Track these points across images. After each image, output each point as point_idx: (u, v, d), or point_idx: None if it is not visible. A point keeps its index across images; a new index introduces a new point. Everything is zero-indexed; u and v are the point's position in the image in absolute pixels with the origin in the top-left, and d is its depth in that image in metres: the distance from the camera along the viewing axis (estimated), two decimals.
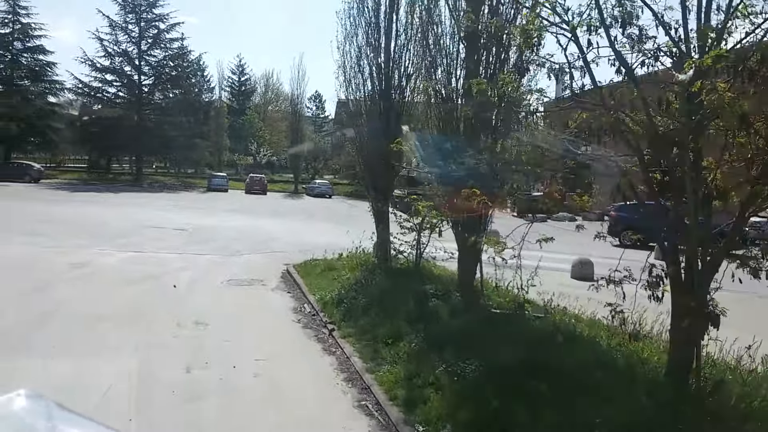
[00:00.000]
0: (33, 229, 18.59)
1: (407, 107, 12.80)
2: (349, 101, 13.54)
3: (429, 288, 9.58)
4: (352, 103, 13.56)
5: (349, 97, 13.35)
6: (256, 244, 18.72)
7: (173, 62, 57.56)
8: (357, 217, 33.80)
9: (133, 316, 8.93)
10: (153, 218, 24.55)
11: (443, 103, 9.55)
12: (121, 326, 8.20)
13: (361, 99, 13.17)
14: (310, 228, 25.27)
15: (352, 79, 13.07)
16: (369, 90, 12.90)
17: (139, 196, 39.95)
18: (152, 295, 10.68)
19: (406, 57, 12.47)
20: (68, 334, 7.82)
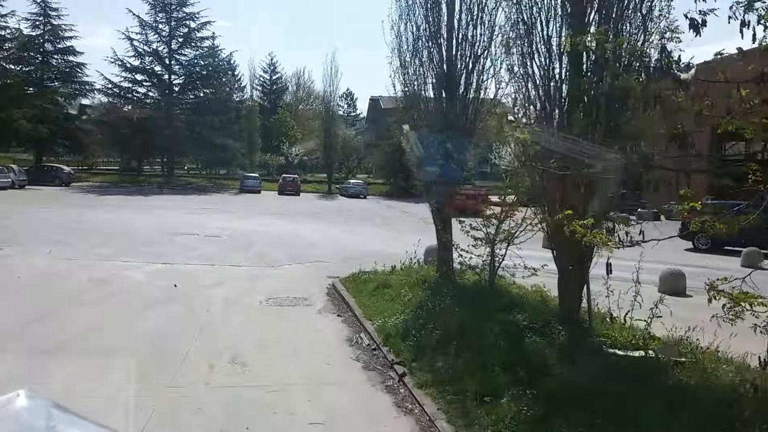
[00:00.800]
0: (57, 238, 17.25)
1: (479, 90, 10.97)
2: (406, 90, 11.70)
3: (520, 317, 7.71)
4: (407, 94, 11.74)
5: (407, 85, 11.54)
6: (296, 253, 17.06)
7: (204, 61, 56.45)
8: (397, 219, 32.23)
9: (156, 355, 7.28)
10: (184, 223, 23.14)
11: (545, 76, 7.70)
12: (140, 372, 6.51)
13: (419, 87, 11.37)
14: (350, 233, 23.56)
15: (409, 65, 11.31)
16: (430, 75, 11.10)
17: (171, 198, 38.78)
18: (180, 322, 9.02)
19: (477, 31, 10.66)
20: (72, 384, 6.18)
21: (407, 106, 12.00)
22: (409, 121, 12.12)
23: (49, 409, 1.76)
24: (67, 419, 1.75)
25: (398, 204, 43.61)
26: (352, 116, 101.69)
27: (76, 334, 8.00)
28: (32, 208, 26.72)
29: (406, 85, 11.47)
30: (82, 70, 53.31)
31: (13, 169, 39.17)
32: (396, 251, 18.36)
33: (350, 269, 13.66)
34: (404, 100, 11.94)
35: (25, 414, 1.73)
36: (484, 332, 7.24)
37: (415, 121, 11.82)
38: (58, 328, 8.25)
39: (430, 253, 15.95)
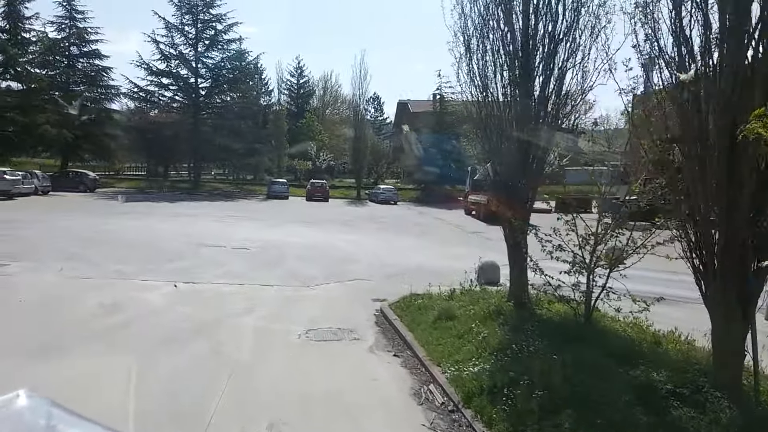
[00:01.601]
0: (74, 251, 15.78)
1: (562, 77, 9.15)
2: (473, 80, 9.89)
3: (654, 376, 5.77)
4: (475, 84, 9.91)
5: (473, 74, 9.74)
6: (332, 268, 15.33)
7: (230, 64, 55.24)
8: (434, 228, 30.40)
9: (170, 423, 5.55)
10: (210, 233, 21.59)
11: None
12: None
13: (489, 75, 9.56)
14: (388, 243, 21.76)
15: (475, 51, 9.52)
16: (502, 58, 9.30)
17: (197, 205, 37.43)
18: (203, 368, 7.30)
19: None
20: None
21: (474, 98, 10.13)
22: (476, 115, 10.29)
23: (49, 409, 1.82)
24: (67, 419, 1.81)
25: (430, 210, 41.87)
26: (379, 120, 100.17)
27: (66, 385, 6.28)
28: (53, 216, 25.45)
29: (473, 74, 9.66)
30: (108, 74, 52.51)
31: (36, 175, 38.19)
32: (442, 266, 16.58)
33: (396, 289, 11.96)
34: (471, 91, 10.07)
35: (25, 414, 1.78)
36: (606, 396, 5.38)
37: (483, 116, 10.01)
38: (45, 380, 6.45)
39: (486, 271, 14.10)
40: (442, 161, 52.14)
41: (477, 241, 23.24)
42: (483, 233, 25.93)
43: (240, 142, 52.85)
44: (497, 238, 24.68)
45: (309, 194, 49.72)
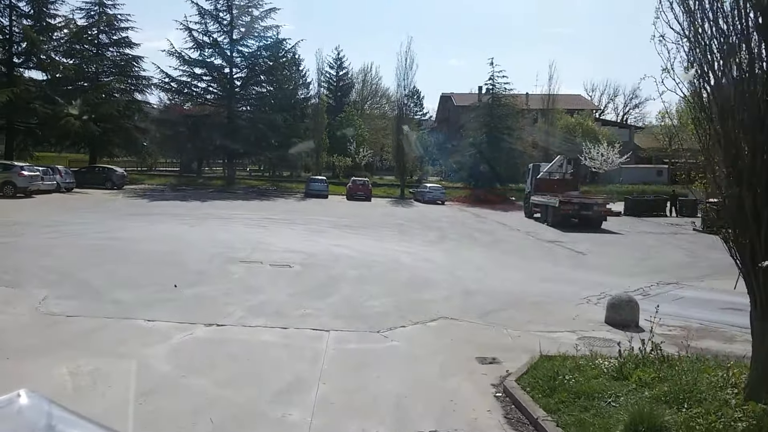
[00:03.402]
0: (69, 270, 12.36)
1: None
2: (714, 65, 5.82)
3: None
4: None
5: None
6: (402, 296, 11.56)
7: (267, 53, 51.72)
8: (503, 235, 25.28)
9: None
10: (244, 241, 18.04)
11: None
12: None
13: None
14: (458, 257, 17.86)
15: None
16: None
17: (230, 205, 34.10)
18: None
19: None
20: None
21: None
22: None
23: (49, 409, 1.80)
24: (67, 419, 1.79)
25: (484, 212, 37.82)
26: (419, 115, 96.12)
27: None
28: (69, 218, 22.28)
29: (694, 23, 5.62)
30: (138, 64, 49.42)
31: (58, 170, 35.28)
32: (540, 293, 12.71)
33: (503, 339, 8.53)
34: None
35: (25, 414, 1.75)
36: None
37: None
38: None
39: (619, 308, 10.10)
40: (494, 158, 48.00)
41: (563, 254, 19.26)
42: (563, 243, 21.92)
43: (277, 136, 49.46)
44: (584, 250, 20.69)
45: (350, 193, 46.14)
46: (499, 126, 49.10)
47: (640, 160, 68.03)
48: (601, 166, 56.38)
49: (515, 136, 50.00)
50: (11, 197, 29.38)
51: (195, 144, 49.00)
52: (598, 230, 27.35)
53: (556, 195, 29.32)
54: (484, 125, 49.64)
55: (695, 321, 10.58)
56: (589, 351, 7.67)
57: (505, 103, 50.34)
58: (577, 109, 70.48)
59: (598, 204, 27.95)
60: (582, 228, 27.45)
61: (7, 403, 1.76)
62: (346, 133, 61.57)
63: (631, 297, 10.40)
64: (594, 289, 13.10)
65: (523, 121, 55.43)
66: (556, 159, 34.70)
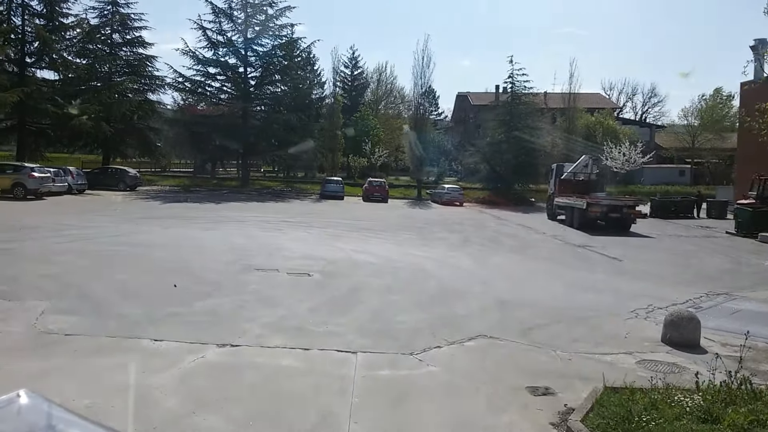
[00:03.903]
0: (73, 280, 11.53)
1: None
2: None
3: None
4: None
5: None
6: (433, 309, 10.55)
7: (282, 52, 50.84)
8: (529, 239, 23.78)
9: None
10: (260, 246, 17.15)
11: None
12: None
13: None
14: (486, 263, 16.78)
15: None
16: None
17: (244, 207, 33.28)
18: None
19: None
20: None
21: None
22: None
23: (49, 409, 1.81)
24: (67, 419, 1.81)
25: (505, 214, 36.68)
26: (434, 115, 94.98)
27: None
28: (78, 221, 21.51)
29: None
30: (152, 64, 48.81)
31: (70, 172, 34.65)
32: (580, 305, 11.65)
33: (553, 362, 7.59)
34: None
35: (25, 414, 1.75)
36: None
37: None
38: None
39: (679, 327, 8.96)
40: (513, 158, 46.79)
41: (597, 260, 18.13)
42: (594, 247, 20.79)
43: (292, 136, 48.63)
44: (618, 255, 19.51)
45: (366, 194, 45.23)
46: (519, 125, 47.91)
47: (661, 160, 66.58)
48: (622, 166, 55.08)
49: (536, 135, 48.80)
50: (21, 199, 28.77)
51: (209, 144, 48.30)
52: (627, 233, 26.15)
53: (583, 196, 28.14)
54: (503, 124, 48.46)
55: (761, 340, 9.47)
56: (659, 381, 6.61)
57: (526, 102, 49.11)
58: (597, 108, 69.13)
59: (627, 206, 26.73)
60: (610, 231, 26.27)
61: (7, 403, 1.75)
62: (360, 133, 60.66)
63: (692, 313, 9.30)
64: (639, 301, 12.03)
65: (541, 120, 54.22)
66: (581, 159, 33.50)
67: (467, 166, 62.38)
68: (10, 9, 39.57)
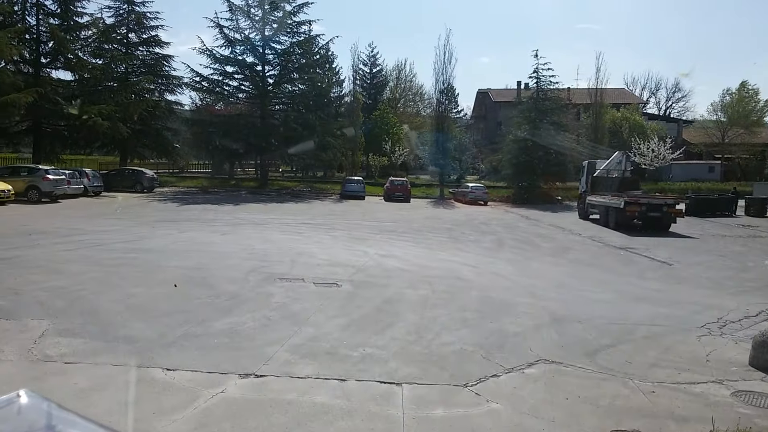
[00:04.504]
0: (78, 293, 10.48)
1: None
2: None
3: None
4: None
5: None
6: (481, 327, 9.31)
7: (300, 49, 49.78)
8: (566, 241, 22.33)
9: None
10: (282, 252, 16.05)
11: None
12: None
13: None
14: (525, 270, 15.47)
15: None
16: None
17: (264, 208, 32.29)
18: None
19: None
20: None
21: None
22: None
23: (49, 409, 1.76)
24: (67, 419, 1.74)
25: (534, 214, 35.35)
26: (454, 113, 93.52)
27: None
28: (91, 225, 20.59)
29: None
30: (168, 63, 48.09)
31: (86, 174, 33.90)
32: (641, 318, 10.42)
33: (633, 394, 6.54)
34: None
35: (24, 414, 1.71)
36: None
37: None
38: None
39: None
40: (538, 155, 45.36)
41: (645, 265, 16.79)
42: (636, 249, 19.45)
43: (311, 136, 47.58)
44: (665, 258, 18.12)
45: (388, 194, 44.09)
46: (544, 121, 46.45)
47: (689, 156, 64.65)
48: (651, 162, 53.40)
49: (562, 131, 47.29)
50: (36, 202, 28.02)
51: (227, 144, 47.43)
52: (667, 233, 24.71)
53: (619, 195, 26.71)
54: (528, 120, 47.00)
55: None
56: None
57: (551, 97, 47.60)
58: (621, 103, 67.37)
59: (667, 204, 25.25)
60: (649, 231, 24.86)
61: (7, 403, 1.72)
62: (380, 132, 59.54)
63: None
64: (706, 313, 10.75)
65: (567, 117, 52.72)
66: (614, 155, 32.02)
67: (489, 164, 60.98)
68: (24, 9, 38.97)
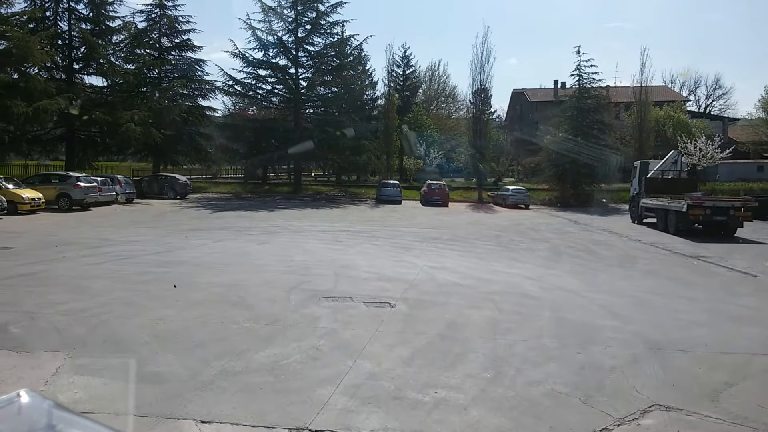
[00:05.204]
0: (105, 318, 9.32)
1: None
2: None
3: None
4: None
5: None
6: (566, 358, 7.81)
7: (334, 51, 48.68)
8: (628, 249, 20.14)
9: None
10: (323, 264, 14.75)
11: None
12: None
13: None
14: (601, 284, 13.76)
15: None
16: None
17: (299, 214, 31.14)
18: None
19: None
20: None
21: None
22: None
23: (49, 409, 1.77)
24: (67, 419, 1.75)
25: (579, 217, 33.60)
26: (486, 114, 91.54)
27: None
28: (121, 235, 19.61)
29: None
30: (201, 68, 47.50)
31: (118, 180, 33.22)
32: (760, 347, 8.76)
33: None
34: None
35: (25, 413, 1.71)
36: None
37: None
38: None
39: None
40: (581, 156, 43.44)
41: (728, 276, 15.05)
42: (708, 258, 17.69)
43: (345, 139, 46.39)
44: (746, 268, 16.23)
45: (425, 198, 42.66)
46: (586, 120, 44.54)
47: (737, 155, 61.85)
48: (699, 162, 51.01)
49: (605, 131, 45.31)
50: (66, 210, 27.31)
51: (261, 149, 46.58)
52: (734, 239, 22.84)
53: (680, 197, 24.84)
54: (570, 120, 45.14)
55: None
56: None
57: (594, 95, 45.62)
58: (664, 101, 64.80)
59: (734, 207, 23.32)
60: (714, 236, 23.01)
61: (7, 403, 1.72)
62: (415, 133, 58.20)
63: None
64: None
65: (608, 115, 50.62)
66: (669, 155, 30.11)
67: (527, 165, 59.13)
68: (56, 14, 38.62)
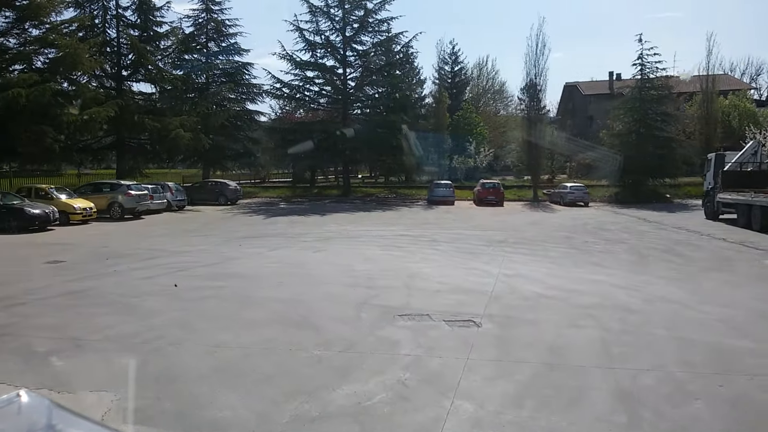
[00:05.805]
0: (158, 346, 8.32)
1: None
2: None
3: None
4: None
5: None
6: (712, 395, 6.26)
7: (382, 49, 47.54)
8: (718, 249, 18.15)
9: None
10: (388, 274, 13.51)
11: None
12: None
13: None
14: (705, 293, 11.98)
15: None
16: None
17: (351, 218, 30.06)
18: None
19: None
20: None
21: None
22: None
23: (49, 409, 1.74)
24: (67, 419, 1.73)
25: (646, 214, 31.57)
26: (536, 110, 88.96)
27: None
28: (174, 245, 18.84)
29: None
30: (248, 71, 47.02)
31: (169, 188, 32.79)
32: None
33: None
34: None
35: (25, 413, 1.69)
36: None
37: None
38: None
39: None
40: (644, 150, 41.18)
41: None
42: None
43: (394, 140, 45.19)
44: None
45: (479, 197, 41.12)
46: (650, 112, 42.21)
47: None
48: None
49: (671, 123, 42.87)
50: (118, 219, 26.88)
51: (309, 152, 45.91)
52: None
53: (765, 191, 22.72)
54: (631, 112, 42.90)
55: None
56: None
57: (657, 85, 43.20)
58: (728, 89, 61.40)
59: None
60: None
61: (7, 402, 1.70)
62: (464, 132, 56.62)
63: None
64: None
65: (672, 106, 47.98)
66: (749, 145, 27.91)
67: (581, 161, 56.82)
68: (105, 21, 38.60)
